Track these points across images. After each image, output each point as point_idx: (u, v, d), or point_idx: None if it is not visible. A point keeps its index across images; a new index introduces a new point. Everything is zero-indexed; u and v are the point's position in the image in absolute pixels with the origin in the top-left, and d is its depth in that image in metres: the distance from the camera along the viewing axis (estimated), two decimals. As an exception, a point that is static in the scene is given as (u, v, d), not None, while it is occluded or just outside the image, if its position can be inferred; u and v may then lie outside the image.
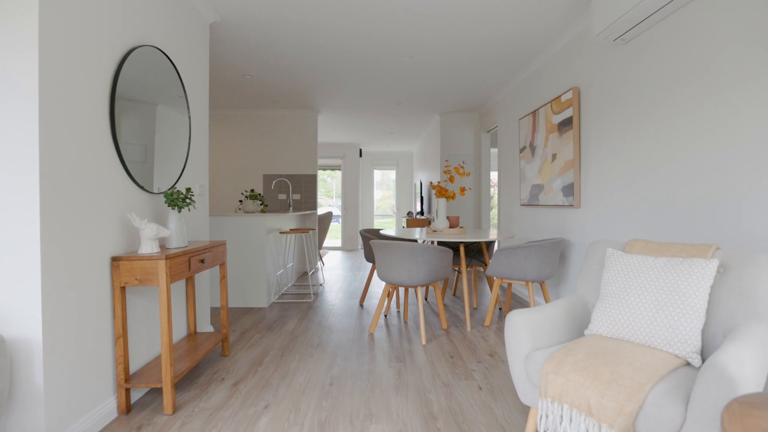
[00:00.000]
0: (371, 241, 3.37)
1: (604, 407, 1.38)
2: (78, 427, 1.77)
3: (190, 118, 2.82)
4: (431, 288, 4.88)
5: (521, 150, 4.63)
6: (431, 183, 4.49)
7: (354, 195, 9.78)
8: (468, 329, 3.44)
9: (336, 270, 6.70)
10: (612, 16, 2.43)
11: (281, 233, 4.63)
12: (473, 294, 4.24)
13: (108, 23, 2.00)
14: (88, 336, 1.86)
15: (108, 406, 1.97)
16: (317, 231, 6.54)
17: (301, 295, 4.75)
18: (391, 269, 3.21)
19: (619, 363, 1.48)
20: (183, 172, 2.73)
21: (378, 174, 12.12)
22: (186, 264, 2.21)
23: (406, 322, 3.65)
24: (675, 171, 2.32)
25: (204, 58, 3.11)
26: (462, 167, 4.16)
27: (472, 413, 2.07)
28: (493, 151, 8.66)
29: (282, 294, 4.79)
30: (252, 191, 4.79)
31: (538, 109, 4.15)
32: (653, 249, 1.87)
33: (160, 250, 2.15)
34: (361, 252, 9.30)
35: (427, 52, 4.00)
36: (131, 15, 2.20)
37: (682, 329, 1.56)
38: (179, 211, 2.33)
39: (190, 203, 2.38)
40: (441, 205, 4.02)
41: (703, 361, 1.56)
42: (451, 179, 3.99)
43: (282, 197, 6.56)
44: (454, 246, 4.43)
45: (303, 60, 4.23)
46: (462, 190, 4.06)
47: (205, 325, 3.14)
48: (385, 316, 3.86)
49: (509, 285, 3.77)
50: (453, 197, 4.01)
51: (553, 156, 3.79)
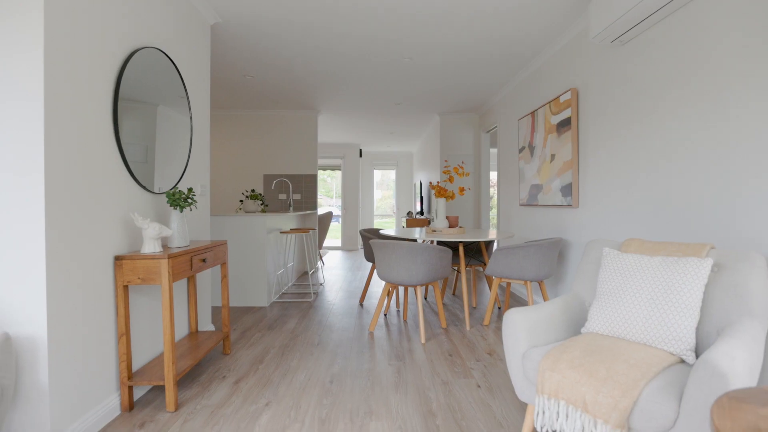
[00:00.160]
0: (371, 241, 3.39)
1: (599, 403, 1.41)
2: (82, 424, 1.80)
3: (191, 118, 2.85)
4: (431, 287, 4.90)
5: (520, 150, 4.66)
6: (431, 183, 4.52)
7: (354, 195, 9.81)
8: (467, 328, 3.46)
9: (336, 270, 6.73)
10: (609, 18, 2.46)
11: (281, 233, 4.65)
12: (472, 293, 4.27)
13: (111, 25, 2.03)
14: (91, 334, 1.89)
15: (111, 403, 2.00)
16: (317, 231, 6.57)
17: (302, 295, 4.77)
18: (391, 269, 3.24)
19: (615, 360, 1.51)
20: (185, 172, 2.76)
21: (378, 174, 12.14)
22: (188, 263, 2.24)
23: (405, 321, 3.68)
24: (671, 171, 2.35)
25: (205, 59, 3.14)
26: (461, 167, 4.18)
27: (470, 410, 2.09)
28: (493, 152, 8.69)
29: (282, 293, 4.82)
30: (252, 191, 4.82)
31: (537, 110, 4.17)
32: (649, 248, 1.90)
33: (162, 249, 2.18)
34: (361, 252, 9.33)
35: (427, 53, 4.02)
36: (134, 17, 2.22)
37: (676, 327, 1.58)
38: (181, 211, 2.35)
39: (191, 203, 2.41)
40: (440, 205, 4.04)
41: (698, 358, 1.58)
42: (451, 179, 4.02)
43: (282, 197, 6.58)
44: (453, 246, 4.46)
45: (303, 61, 4.26)
46: (461, 190, 4.08)
47: (207, 324, 3.17)
48: (385, 315, 3.88)
49: (508, 284, 3.80)
50: (452, 197, 4.04)
51: (552, 156, 3.82)
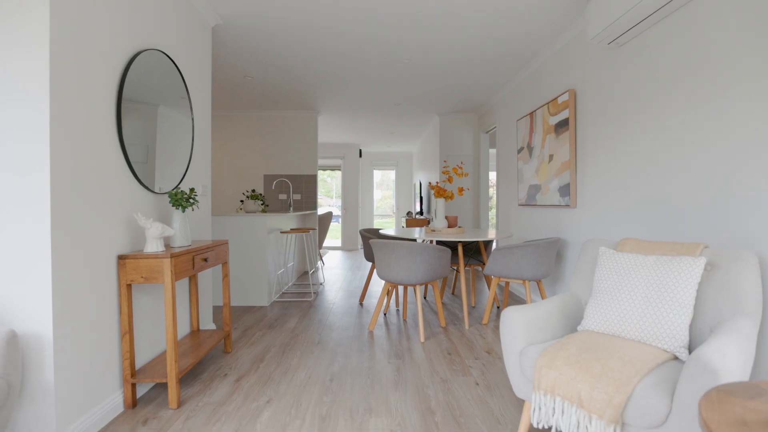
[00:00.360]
0: (371, 241, 3.42)
1: (594, 399, 1.44)
2: (86, 421, 1.83)
3: (193, 119, 2.88)
4: (430, 287, 4.93)
5: (519, 151, 4.69)
6: (430, 183, 4.55)
7: (354, 195, 9.84)
8: (466, 327, 3.49)
9: (336, 269, 6.76)
10: (606, 20, 2.49)
11: (282, 233, 4.68)
12: (471, 293, 4.30)
13: (115, 28, 2.06)
14: (95, 332, 1.92)
15: (114, 400, 2.03)
16: (317, 231, 6.60)
17: (302, 294, 4.80)
18: (391, 268, 3.27)
19: (610, 357, 1.54)
20: (186, 172, 2.79)
21: (378, 174, 12.18)
22: (190, 262, 2.27)
23: (405, 320, 3.71)
24: (667, 171, 2.38)
25: (206, 60, 3.17)
26: (460, 168, 4.21)
27: (468, 408, 2.12)
28: (492, 152, 8.71)
29: (283, 293, 4.85)
30: (253, 191, 4.85)
31: (535, 111, 4.20)
32: (644, 247, 1.93)
33: (165, 248, 2.21)
34: (361, 252, 9.36)
35: (426, 54, 4.05)
36: (137, 20, 2.25)
37: (670, 325, 1.61)
38: (183, 211, 2.38)
39: (193, 203, 2.44)
40: (439, 205, 4.07)
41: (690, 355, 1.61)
42: (450, 179, 4.05)
43: (282, 197, 6.61)
44: (452, 245, 4.49)
45: (303, 62, 4.29)
46: (460, 190, 4.12)
47: (208, 323, 3.20)
48: (385, 314, 3.91)
49: (507, 284, 3.83)
50: (451, 197, 4.07)
51: (550, 157, 3.85)
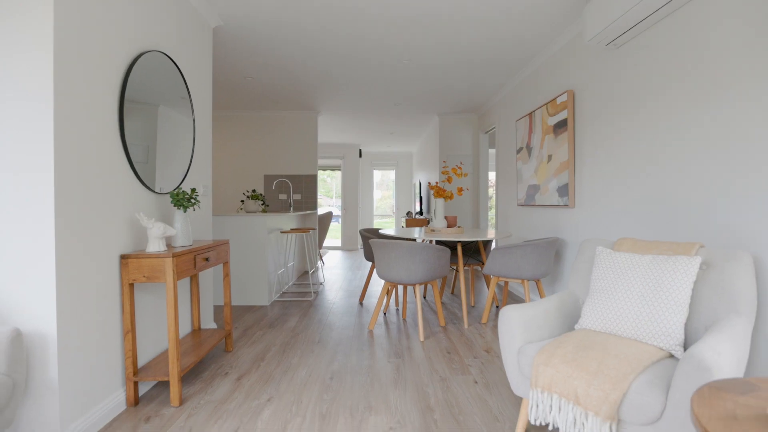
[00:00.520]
0: (371, 240, 3.44)
1: (590, 396, 1.46)
2: (89, 418, 1.85)
3: (194, 120, 2.90)
4: (430, 286, 4.96)
5: (518, 151, 4.71)
6: (429, 183, 4.57)
7: (354, 195, 9.86)
8: (465, 326, 3.51)
9: (336, 269, 6.78)
10: (603, 22, 2.51)
11: (282, 233, 4.70)
12: (471, 292, 4.32)
13: (118, 30, 2.08)
14: (98, 331, 1.94)
15: (117, 398, 2.05)
16: (317, 231, 6.62)
17: (302, 294, 4.82)
18: (390, 268, 3.29)
19: (606, 355, 1.56)
20: (188, 172, 2.81)
21: (378, 174, 12.20)
22: (191, 262, 2.29)
23: (404, 319, 3.73)
24: (664, 171, 2.40)
25: (207, 62, 3.19)
26: (459, 168, 4.24)
27: (467, 406, 2.15)
28: (491, 152, 8.73)
29: (283, 292, 4.87)
30: (253, 191, 4.87)
31: (534, 111, 4.23)
32: (641, 247, 1.95)
33: (166, 248, 2.23)
34: (361, 252, 9.38)
35: (425, 55, 4.08)
36: (140, 22, 2.27)
37: (665, 323, 1.64)
38: (185, 211, 2.41)
39: (195, 203, 2.46)
40: (439, 205, 4.10)
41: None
42: (449, 180, 4.07)
43: (283, 197, 6.63)
44: (451, 245, 4.51)
45: (303, 63, 4.31)
46: (459, 190, 4.14)
47: (209, 322, 3.22)
48: (384, 313, 3.93)
49: (506, 283, 3.85)
50: (451, 197, 4.09)
51: (549, 157, 3.87)
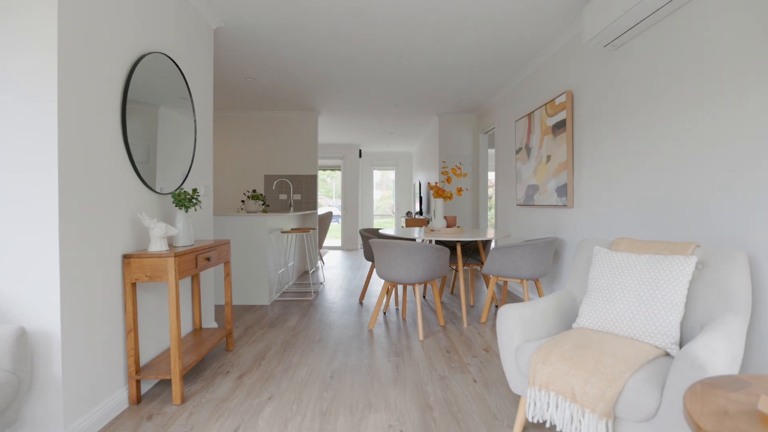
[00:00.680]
0: (370, 240, 3.46)
1: (587, 393, 1.48)
2: (92, 416, 1.87)
3: (195, 121, 2.92)
4: (429, 286, 4.98)
5: (517, 151, 4.73)
6: (429, 183, 4.59)
7: (354, 195, 9.88)
8: (464, 326, 3.54)
9: (336, 269, 6.80)
10: (601, 24, 2.53)
11: (282, 233, 4.72)
12: (470, 292, 4.34)
13: (121, 32, 2.10)
14: (101, 329, 1.96)
15: (119, 396, 2.07)
16: (317, 230, 6.64)
17: (302, 293, 4.84)
18: (390, 267, 3.31)
19: (602, 353, 1.58)
20: (189, 173, 2.83)
21: (377, 174, 12.22)
22: (193, 261, 2.31)
23: (404, 319, 3.75)
24: (661, 172, 2.42)
25: (208, 63, 3.21)
26: (459, 168, 4.26)
27: (466, 404, 2.17)
28: (491, 152, 8.76)
29: (283, 292, 4.89)
30: (254, 191, 4.89)
31: (533, 112, 4.25)
32: (638, 247, 1.98)
33: (168, 248, 2.25)
34: (361, 252, 9.40)
35: (425, 56, 4.10)
36: (142, 24, 2.29)
37: (661, 322, 1.66)
38: (186, 211, 2.43)
39: (196, 203, 2.48)
40: (438, 206, 4.12)
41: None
42: (449, 180, 4.09)
43: (283, 197, 6.65)
44: (451, 245, 4.53)
45: (303, 64, 4.33)
46: (459, 190, 4.16)
47: (210, 322, 3.24)
48: (384, 313, 3.96)
49: (505, 283, 3.87)
50: (450, 197, 4.11)
51: (548, 157, 3.89)
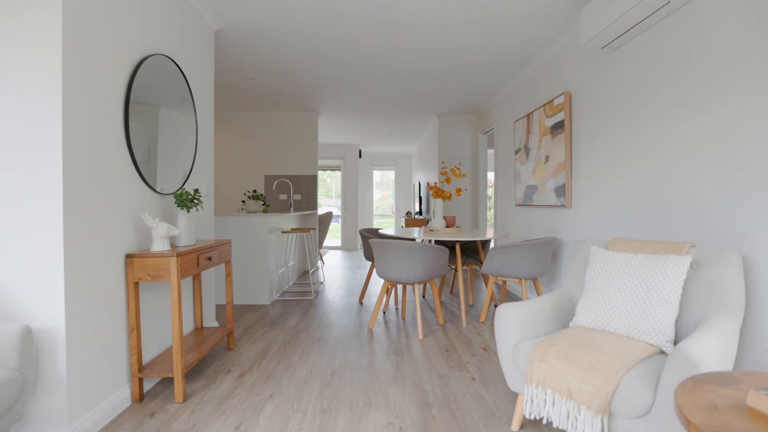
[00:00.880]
0: (370, 240, 3.49)
1: (582, 390, 1.51)
2: (96, 413, 1.90)
3: (197, 122, 2.95)
4: (429, 286, 5.00)
5: (516, 152, 4.76)
6: (428, 184, 4.62)
7: (353, 195, 9.90)
8: (463, 325, 3.56)
9: (336, 269, 6.83)
10: (599, 26, 2.56)
11: (282, 233, 4.75)
12: (469, 291, 4.37)
13: (124, 35, 2.13)
14: (104, 328, 1.99)
15: (122, 394, 2.10)
16: (317, 230, 6.67)
17: (302, 293, 4.87)
18: (390, 267, 3.34)
19: (598, 351, 1.61)
20: (190, 173, 2.86)
21: (377, 174, 12.25)
22: (195, 261, 2.34)
23: (404, 318, 3.78)
24: (658, 172, 2.45)
25: (209, 64, 3.23)
26: (458, 169, 4.29)
27: (465, 401, 2.20)
28: (490, 152, 8.78)
29: (284, 292, 4.92)
30: (254, 192, 4.91)
31: (532, 113, 4.28)
32: (634, 246, 2.00)
33: (170, 248, 2.28)
34: (361, 252, 9.43)
35: (424, 58, 4.12)
36: (144, 26, 2.32)
37: (656, 320, 1.69)
38: (188, 211, 2.45)
39: (198, 203, 2.51)
40: (438, 206, 4.15)
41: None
42: (448, 180, 4.12)
43: (283, 197, 6.68)
44: (450, 245, 4.56)
45: (304, 65, 4.36)
46: (458, 190, 4.19)
47: (211, 321, 3.27)
48: (384, 312, 3.98)
49: (504, 282, 3.90)
50: (449, 198, 4.14)
51: (546, 158, 3.92)
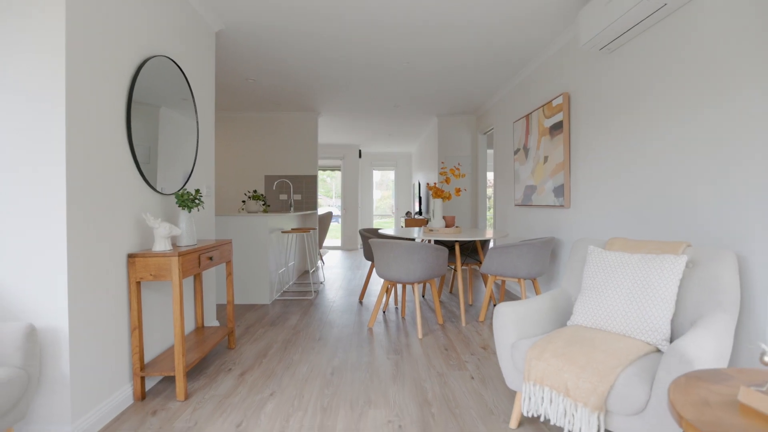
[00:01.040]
0: (370, 240, 3.51)
1: (579, 388, 1.53)
2: (99, 412, 1.92)
3: (198, 123, 2.97)
4: (428, 285, 5.02)
5: (515, 152, 4.78)
6: (428, 184, 4.64)
7: (353, 195, 9.92)
8: (463, 324, 3.58)
9: (336, 269, 6.85)
10: (597, 27, 2.58)
11: (283, 233, 4.77)
12: (468, 291, 4.39)
13: (126, 36, 2.15)
14: (107, 327, 2.01)
15: (125, 392, 2.12)
16: (317, 230, 6.69)
17: (303, 293, 4.89)
18: (389, 267, 3.36)
19: (595, 349, 1.63)
20: (191, 173, 2.88)
21: (377, 174, 12.27)
22: (196, 261, 2.36)
23: (403, 317, 3.80)
24: (655, 172, 2.47)
25: (210, 65, 3.25)
26: (457, 169, 4.31)
27: (463, 399, 2.22)
28: (490, 152, 8.80)
29: (284, 291, 4.94)
30: (254, 192, 4.93)
31: (531, 113, 4.30)
32: (631, 246, 2.02)
33: (172, 247, 2.30)
34: (361, 252, 9.45)
35: (424, 58, 4.14)
36: (146, 28, 2.34)
37: (653, 319, 1.71)
38: (189, 212, 2.47)
39: (199, 203, 2.53)
40: (437, 206, 4.17)
41: (672, 348, 1.70)
42: (447, 180, 4.14)
43: (283, 197, 6.70)
44: (449, 245, 4.58)
45: (304, 66, 4.38)
46: (457, 191, 4.21)
47: (212, 320, 3.29)
48: (384, 312, 4.00)
49: (503, 282, 3.92)
50: (449, 198, 4.16)
51: (545, 158, 3.94)
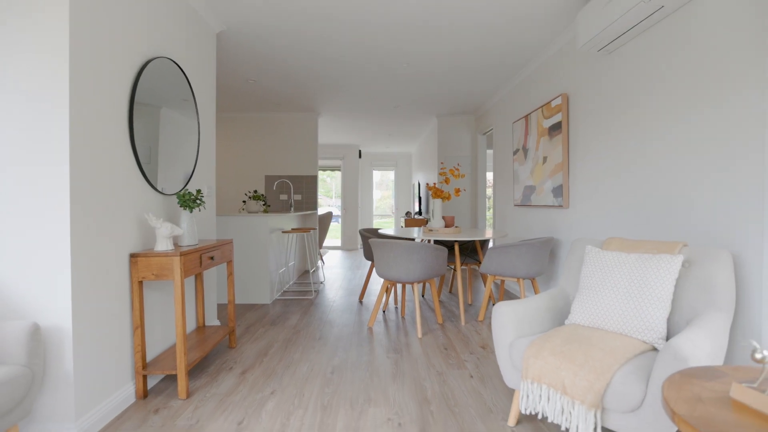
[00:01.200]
0: (370, 240, 3.53)
1: (576, 386, 1.55)
2: (101, 410, 1.94)
3: (199, 123, 2.99)
4: (428, 285, 5.04)
5: (515, 152, 4.80)
6: (428, 184, 4.66)
7: (353, 195, 9.94)
8: (462, 324, 3.60)
9: (336, 269, 6.87)
10: (595, 29, 2.60)
11: (283, 233, 4.79)
12: (468, 290, 4.41)
13: (128, 38, 2.17)
14: (109, 326, 2.03)
15: (127, 391, 2.14)
16: (318, 230, 6.71)
17: (303, 293, 4.91)
18: (389, 266, 3.38)
19: (592, 348, 1.65)
20: (193, 173, 2.90)
21: (377, 174, 12.29)
22: (197, 260, 2.38)
23: (403, 317, 3.82)
24: (652, 173, 2.49)
25: (211, 66, 3.28)
26: (457, 169, 4.33)
27: (462, 398, 2.24)
28: (489, 153, 8.82)
29: (284, 291, 4.96)
30: (255, 192, 4.95)
31: (530, 114, 4.32)
32: (628, 246, 2.05)
33: (174, 247, 2.32)
34: (360, 252, 9.47)
35: (424, 60, 4.16)
36: (148, 30, 2.36)
37: (649, 318, 1.73)
38: (191, 212, 2.49)
39: (200, 204, 2.55)
40: (437, 206, 4.19)
41: (668, 346, 1.72)
42: (447, 181, 4.16)
43: (283, 198, 6.72)
44: (449, 245, 4.60)
45: (304, 67, 4.40)
46: (457, 191, 4.23)
47: (213, 320, 3.31)
48: (384, 311, 4.02)
49: (502, 282, 3.94)
50: (448, 198, 4.18)
51: (544, 158, 3.96)
